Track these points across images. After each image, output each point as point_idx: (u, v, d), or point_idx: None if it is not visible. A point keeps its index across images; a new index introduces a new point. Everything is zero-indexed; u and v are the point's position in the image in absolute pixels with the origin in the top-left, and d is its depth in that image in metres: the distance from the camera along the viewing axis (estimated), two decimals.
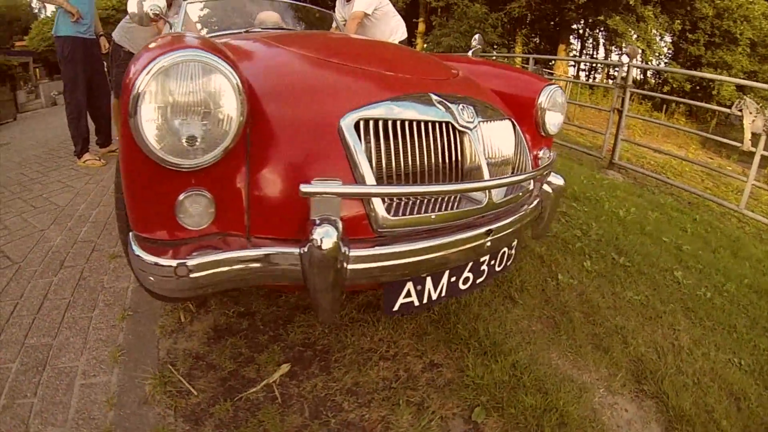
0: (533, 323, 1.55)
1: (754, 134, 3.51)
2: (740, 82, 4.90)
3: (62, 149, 4.03)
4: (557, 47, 16.32)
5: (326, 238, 0.80)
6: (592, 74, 21.12)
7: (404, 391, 1.19)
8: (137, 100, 0.75)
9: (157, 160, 0.78)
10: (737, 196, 4.61)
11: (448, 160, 1.05)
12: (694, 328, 1.70)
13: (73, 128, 3.08)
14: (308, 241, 0.81)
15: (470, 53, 2.05)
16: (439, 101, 1.07)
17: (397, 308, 1.04)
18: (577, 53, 19.61)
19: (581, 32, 19.41)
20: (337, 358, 1.30)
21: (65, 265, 1.76)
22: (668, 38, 17.21)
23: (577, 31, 19.06)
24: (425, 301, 1.08)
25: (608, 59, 17.78)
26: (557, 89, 1.48)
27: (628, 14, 14.12)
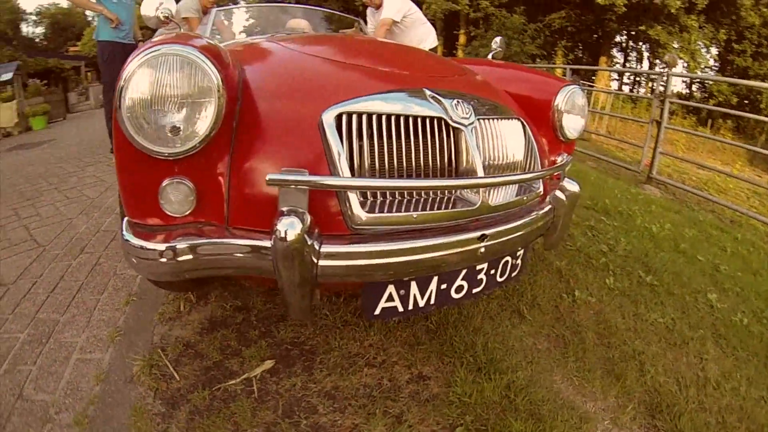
0: (539, 341, 1.45)
1: None
2: None
3: (101, 147, 4.39)
4: (599, 60, 15.80)
5: (290, 229, 0.79)
6: (636, 87, 20.02)
7: (384, 400, 1.14)
8: (121, 90, 0.80)
9: (138, 147, 0.82)
10: None
11: (440, 157, 1.00)
12: (724, 358, 1.51)
13: (110, 127, 3.36)
14: (273, 232, 0.80)
15: (490, 56, 2.01)
16: (432, 96, 1.02)
17: (378, 312, 1.00)
18: (620, 66, 18.72)
19: (624, 44, 18.60)
20: (322, 359, 1.28)
21: (85, 251, 1.90)
22: (714, 50, 16.04)
23: (620, 43, 18.30)
24: (411, 307, 1.02)
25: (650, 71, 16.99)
26: (576, 90, 1.40)
27: (670, 24, 13.39)
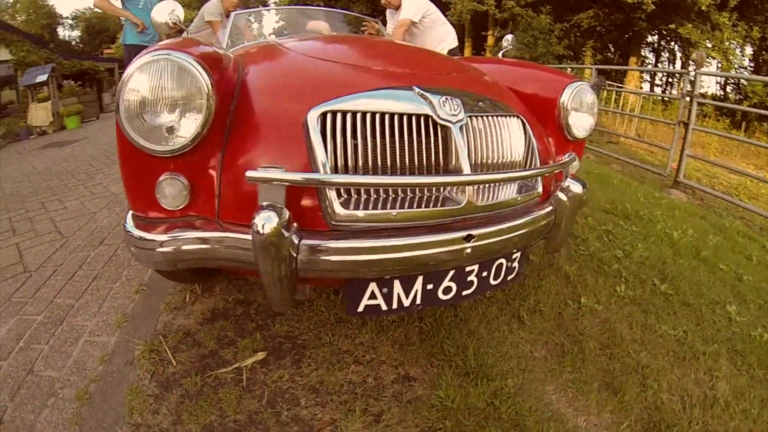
0: (537, 349, 1.41)
1: None
2: None
3: None
4: (629, 61, 15.19)
5: (267, 223, 0.82)
6: (668, 89, 18.98)
7: (366, 398, 1.16)
8: (120, 92, 0.87)
9: (136, 145, 0.89)
10: None
11: (426, 155, 1.00)
12: (738, 376, 1.41)
13: None
14: (251, 225, 0.84)
15: (500, 54, 1.99)
16: (420, 94, 1.02)
17: (362, 309, 1.01)
18: (651, 66, 17.88)
19: (656, 44, 17.75)
20: (311, 354, 1.31)
21: (104, 243, 2.04)
22: (749, 49, 14.96)
23: (652, 44, 17.48)
24: (395, 306, 1.02)
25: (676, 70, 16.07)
26: (584, 87, 1.36)
27: (701, 22, 12.64)
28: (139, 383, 1.18)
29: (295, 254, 0.87)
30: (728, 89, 17.09)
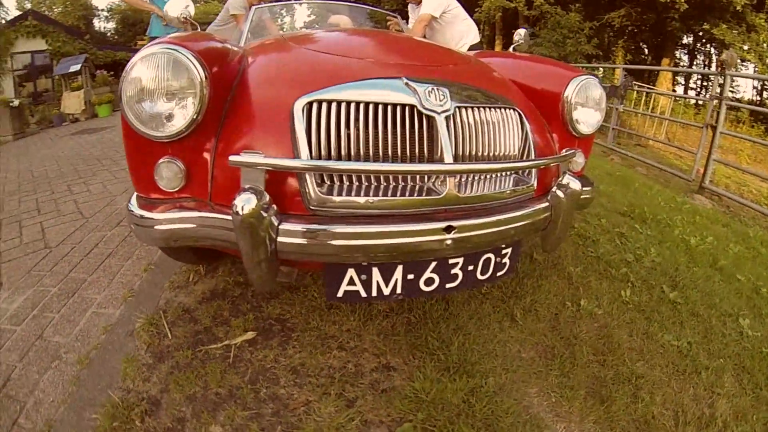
0: (525, 349, 1.39)
1: None
2: None
3: None
4: (662, 62, 14.45)
5: (246, 204, 0.86)
6: (703, 92, 17.76)
7: (343, 384, 1.19)
8: (122, 81, 0.94)
9: (137, 131, 0.96)
10: None
11: (410, 144, 1.01)
12: (742, 395, 1.33)
13: None
14: (232, 206, 0.88)
15: (511, 48, 1.96)
16: (407, 84, 1.03)
17: (341, 295, 1.04)
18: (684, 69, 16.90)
19: (691, 46, 16.71)
20: (298, 337, 1.36)
21: (121, 224, 2.19)
22: None
23: (687, 45, 16.51)
24: (375, 294, 1.05)
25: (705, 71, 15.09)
26: (590, 81, 1.32)
27: (736, 23, 11.82)
28: (135, 353, 1.28)
29: (274, 236, 0.91)
30: (765, 95, 15.77)
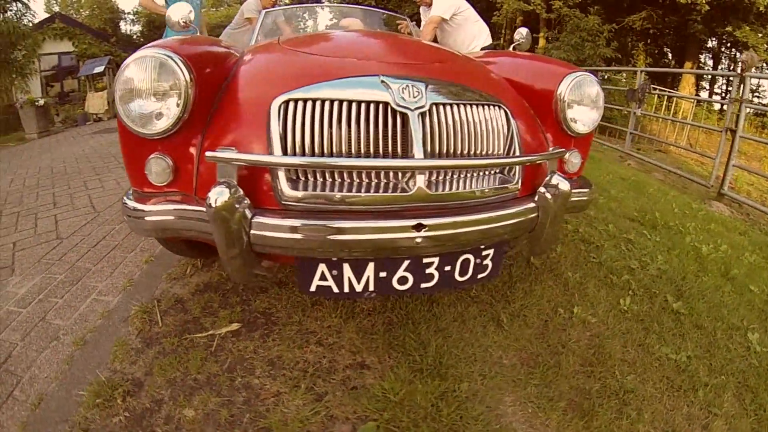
0: (508, 356, 1.36)
1: None
2: None
3: None
4: (684, 65, 14.09)
5: (219, 197, 0.92)
6: (728, 96, 16.96)
7: (314, 378, 1.22)
8: (116, 82, 1.03)
9: (128, 128, 1.04)
10: None
11: (383, 141, 1.03)
12: (742, 416, 1.27)
13: None
14: (206, 199, 0.94)
15: (511, 47, 1.96)
16: (383, 82, 1.05)
17: (314, 289, 1.08)
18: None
19: (715, 49, 16.03)
20: (279, 330, 1.41)
21: None
22: None
23: (712, 49, 15.89)
24: (347, 290, 1.08)
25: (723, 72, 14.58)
26: (585, 77, 1.28)
27: (760, 24, 11.38)
28: (126, 337, 1.37)
29: (247, 229, 0.96)
30: None
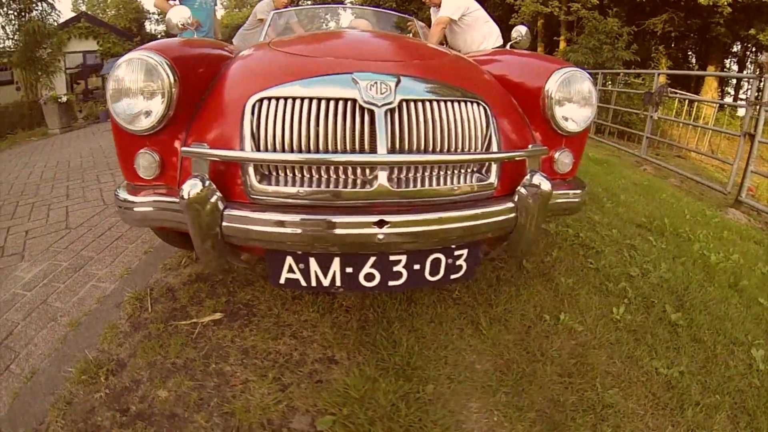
0: (482, 361, 1.35)
1: None
2: None
3: None
4: (707, 69, 13.76)
5: (192, 189, 0.99)
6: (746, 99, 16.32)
7: (282, 369, 1.28)
8: (107, 81, 1.12)
9: (119, 125, 1.13)
10: None
11: (349, 138, 1.05)
12: None
13: None
14: (180, 191, 1.01)
15: (508, 45, 1.97)
16: (353, 79, 1.08)
17: (283, 282, 1.14)
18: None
19: (740, 53, 15.36)
20: (258, 321, 1.49)
21: None
22: None
23: (737, 53, 15.34)
24: (314, 284, 1.12)
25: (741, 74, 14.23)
26: (575, 73, 1.24)
27: None
28: (117, 321, 1.48)
29: (219, 221, 1.03)
30: None
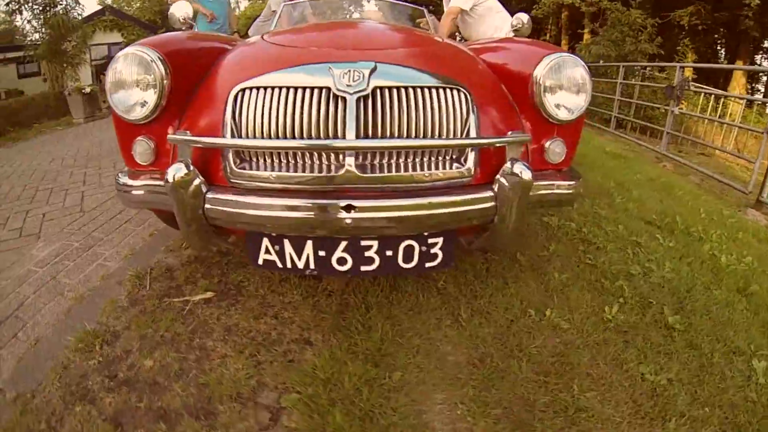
0: (456, 353, 1.34)
1: None
2: None
3: None
4: (735, 64, 13.06)
5: (177, 173, 1.08)
6: None
7: (258, 347, 1.36)
8: (107, 73, 1.22)
9: (118, 115, 1.24)
10: None
11: (323, 125, 1.09)
12: None
13: None
14: (165, 175, 1.10)
15: (512, 33, 1.96)
16: (329, 68, 1.12)
17: (261, 263, 1.23)
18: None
19: None
20: (244, 301, 1.59)
21: None
22: None
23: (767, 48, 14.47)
24: (290, 266, 1.20)
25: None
26: (566, 59, 1.21)
27: None
28: (116, 297, 1.62)
29: (201, 203, 1.12)
30: None
